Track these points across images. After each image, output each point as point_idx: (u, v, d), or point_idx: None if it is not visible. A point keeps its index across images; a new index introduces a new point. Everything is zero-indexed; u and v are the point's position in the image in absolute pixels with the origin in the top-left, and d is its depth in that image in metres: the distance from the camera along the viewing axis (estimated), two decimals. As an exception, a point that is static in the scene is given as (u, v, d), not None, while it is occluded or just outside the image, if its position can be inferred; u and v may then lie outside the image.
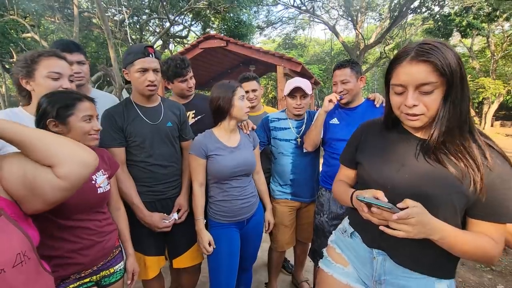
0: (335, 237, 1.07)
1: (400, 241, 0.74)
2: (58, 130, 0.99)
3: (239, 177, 1.44)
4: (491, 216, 0.72)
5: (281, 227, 1.82)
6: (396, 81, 0.75)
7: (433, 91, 0.71)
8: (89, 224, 1.06)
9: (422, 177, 0.75)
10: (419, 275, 0.80)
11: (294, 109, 1.72)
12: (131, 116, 1.40)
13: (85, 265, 1.04)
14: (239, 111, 1.41)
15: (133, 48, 1.38)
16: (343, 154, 1.07)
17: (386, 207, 0.65)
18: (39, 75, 1.13)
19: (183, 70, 1.69)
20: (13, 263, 0.64)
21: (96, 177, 1.09)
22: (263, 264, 2.38)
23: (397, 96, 0.77)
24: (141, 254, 1.44)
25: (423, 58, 0.69)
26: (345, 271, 0.95)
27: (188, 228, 1.50)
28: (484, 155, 0.72)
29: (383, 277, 0.85)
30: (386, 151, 0.86)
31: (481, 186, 0.70)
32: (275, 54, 5.59)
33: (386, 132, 0.90)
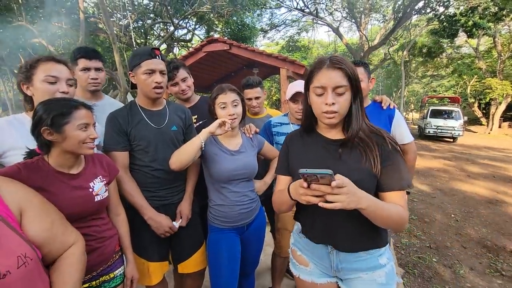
0: (294, 240, 1.17)
1: (338, 232, 0.97)
2: (52, 138, 0.97)
3: (238, 181, 1.42)
4: (391, 186, 0.91)
5: (285, 232, 1.79)
6: (318, 83, 0.92)
7: (345, 93, 0.91)
8: (88, 230, 1.05)
9: (341, 168, 0.89)
10: (365, 255, 0.98)
11: (296, 113, 1.70)
12: (135, 119, 1.39)
13: (85, 270, 1.03)
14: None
15: (139, 51, 1.38)
16: (278, 166, 1.16)
17: (327, 173, 0.72)
18: (37, 79, 1.14)
19: (169, 74, 1.66)
20: (17, 265, 0.65)
21: (93, 184, 1.07)
22: (267, 268, 2.36)
23: (317, 98, 0.94)
24: (144, 260, 1.42)
25: (338, 66, 0.90)
26: (307, 271, 1.09)
27: (193, 233, 1.49)
28: (376, 141, 0.94)
29: (340, 266, 1.02)
30: (308, 153, 1.05)
31: (377, 164, 0.90)
32: (278, 57, 5.57)
33: (306, 137, 1.08)
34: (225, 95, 1.39)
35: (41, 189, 0.92)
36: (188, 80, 1.79)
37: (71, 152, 1.01)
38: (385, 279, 0.98)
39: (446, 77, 22.40)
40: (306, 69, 5.47)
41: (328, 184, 0.75)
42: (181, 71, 1.73)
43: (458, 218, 3.76)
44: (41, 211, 0.80)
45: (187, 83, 1.77)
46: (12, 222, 0.71)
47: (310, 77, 0.96)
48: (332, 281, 1.07)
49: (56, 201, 0.90)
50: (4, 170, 0.91)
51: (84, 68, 1.61)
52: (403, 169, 0.93)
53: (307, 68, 5.57)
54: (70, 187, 1.01)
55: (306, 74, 1.00)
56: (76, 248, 0.87)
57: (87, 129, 1.02)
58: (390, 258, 1.02)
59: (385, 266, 0.99)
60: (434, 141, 12.63)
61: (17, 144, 1.12)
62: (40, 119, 0.95)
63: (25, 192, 0.80)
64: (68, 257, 0.84)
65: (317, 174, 0.74)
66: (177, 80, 1.73)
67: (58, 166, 1.02)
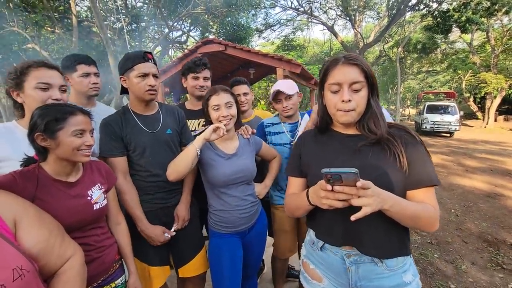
0: (306, 252, 1.09)
1: (362, 233, 0.88)
2: (46, 145, 0.94)
3: (237, 185, 1.40)
4: (418, 182, 0.85)
5: (281, 233, 1.78)
6: (333, 80, 0.89)
7: (361, 90, 0.88)
8: (87, 240, 1.03)
9: (360, 163, 0.86)
10: (388, 272, 0.90)
11: (282, 112, 1.72)
12: (129, 125, 1.37)
13: None
14: (214, 121, 1.38)
15: (131, 54, 1.36)
16: (289, 167, 1.11)
17: (352, 172, 0.69)
18: (28, 86, 1.10)
19: (197, 67, 1.76)
20: (13, 277, 0.63)
21: (92, 193, 1.05)
22: (269, 271, 2.35)
23: (332, 95, 0.91)
24: (145, 264, 1.40)
25: (353, 62, 0.87)
26: (321, 287, 1.00)
27: (193, 237, 1.47)
28: (397, 135, 0.89)
29: (359, 283, 0.93)
30: (323, 152, 0.99)
31: (404, 161, 0.84)
32: (274, 57, 5.57)
33: (320, 137, 1.04)
34: (218, 96, 1.37)
35: (38, 198, 0.90)
36: (208, 82, 1.84)
37: (66, 159, 0.98)
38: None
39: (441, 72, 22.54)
40: (303, 67, 5.48)
41: (352, 185, 0.70)
42: (207, 70, 1.83)
43: (458, 213, 3.77)
44: (36, 222, 0.78)
45: (207, 83, 1.82)
46: (7, 233, 0.68)
47: (325, 74, 0.93)
48: None
49: (54, 211, 0.87)
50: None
51: (84, 73, 1.60)
52: (430, 164, 0.86)
53: (303, 67, 5.57)
54: (68, 195, 0.99)
55: (320, 72, 0.96)
56: (75, 261, 0.84)
57: (83, 135, 0.98)
58: (416, 274, 0.94)
59: (410, 284, 0.90)
60: (431, 136, 12.70)
61: (8, 155, 1.09)
62: (34, 124, 0.93)
63: (19, 203, 0.78)
64: (67, 271, 0.81)
65: (341, 174, 0.69)
66: (200, 76, 1.79)
67: (55, 174, 0.99)
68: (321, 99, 0.99)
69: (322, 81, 0.95)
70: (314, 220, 1.04)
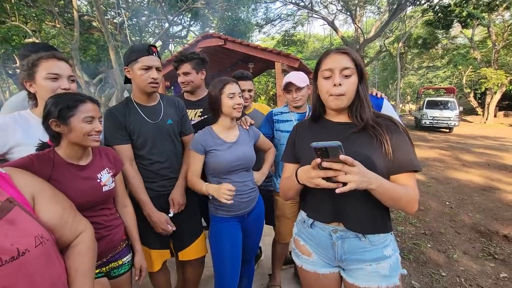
0: (297, 230, 1.18)
1: (348, 210, 0.97)
2: (60, 130, 1.02)
3: (238, 171, 1.48)
4: (401, 168, 0.93)
5: (283, 219, 1.87)
6: (325, 66, 0.98)
7: (351, 76, 0.95)
8: (97, 219, 1.11)
9: (349, 147, 0.92)
10: (369, 246, 0.98)
11: (292, 102, 1.80)
12: (132, 115, 1.44)
13: None
14: (227, 108, 1.44)
15: (136, 47, 1.41)
16: (285, 154, 1.21)
17: (335, 145, 0.77)
18: (39, 77, 1.17)
19: (174, 63, 1.78)
20: (35, 244, 0.71)
21: (100, 176, 1.13)
22: (266, 258, 2.44)
23: (325, 81, 0.98)
24: (146, 247, 1.49)
25: (343, 51, 0.97)
26: (310, 261, 1.09)
27: (192, 222, 1.54)
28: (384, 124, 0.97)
29: (344, 256, 1.02)
30: (316, 137, 1.03)
31: (388, 148, 0.92)
32: (272, 51, 5.62)
33: (313, 126, 1.12)
34: (232, 85, 1.45)
35: (52, 179, 0.98)
36: (191, 75, 1.82)
37: (77, 144, 1.06)
38: (388, 271, 0.97)
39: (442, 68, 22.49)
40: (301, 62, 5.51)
41: (339, 162, 0.78)
42: (185, 65, 1.79)
43: (452, 205, 3.85)
44: (52, 199, 0.85)
45: (187, 77, 1.81)
46: (27, 207, 0.76)
47: (319, 63, 1.02)
48: (334, 271, 1.07)
49: (66, 191, 0.95)
50: (17, 162, 0.97)
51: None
52: (412, 151, 0.95)
53: (301, 61, 5.61)
54: (80, 177, 1.07)
55: (316, 64, 1.05)
56: (86, 236, 0.92)
57: (92, 122, 1.06)
58: (395, 249, 1.02)
59: (389, 258, 0.99)
60: (430, 131, 12.75)
61: (22, 141, 1.16)
62: (48, 112, 1.00)
63: (37, 181, 0.86)
64: (79, 244, 0.89)
65: (327, 147, 0.76)
66: (179, 72, 1.80)
67: (68, 158, 1.07)
68: (315, 89, 1.07)
69: (316, 70, 1.04)
70: (305, 201, 1.13)
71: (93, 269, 0.90)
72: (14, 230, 0.69)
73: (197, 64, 1.81)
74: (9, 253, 0.65)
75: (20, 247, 0.68)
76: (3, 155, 1.17)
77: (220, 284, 1.46)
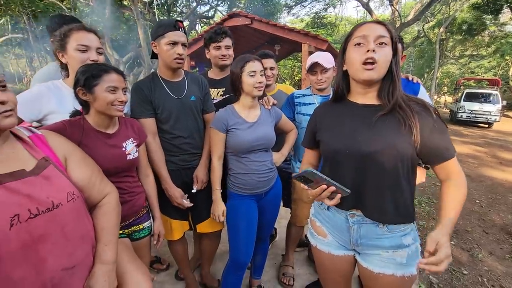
0: (314, 211, 1.17)
1: (369, 200, 0.93)
2: (86, 99, 1.08)
3: (257, 151, 1.48)
4: (443, 156, 0.89)
5: (300, 202, 1.86)
6: (359, 34, 0.89)
7: (386, 47, 0.87)
8: (121, 184, 1.17)
9: (374, 135, 0.90)
10: (388, 233, 0.95)
11: (315, 84, 1.72)
12: (157, 89, 1.47)
13: None
14: (247, 87, 1.42)
15: (164, 22, 1.42)
16: (304, 139, 1.19)
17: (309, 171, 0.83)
18: (70, 48, 1.23)
19: (218, 36, 1.73)
20: (67, 199, 0.77)
21: (126, 145, 1.19)
22: (280, 239, 2.48)
23: (356, 49, 0.90)
24: (167, 217, 1.57)
25: (379, 22, 0.90)
26: (325, 242, 1.09)
27: (210, 198, 1.58)
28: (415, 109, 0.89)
29: (360, 241, 1.00)
30: (337, 123, 1.01)
31: (417, 135, 0.86)
32: (300, 32, 5.40)
33: (335, 107, 1.06)
34: (254, 63, 1.41)
35: (82, 144, 1.04)
36: (230, 50, 1.80)
37: (102, 112, 1.11)
38: (405, 259, 0.94)
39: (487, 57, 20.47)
40: (329, 44, 5.27)
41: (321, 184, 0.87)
42: (227, 39, 1.77)
43: (483, 204, 3.62)
44: (82, 161, 0.92)
45: (229, 51, 1.79)
46: (60, 166, 0.82)
47: (350, 35, 0.93)
48: (349, 253, 1.06)
49: (94, 156, 1.01)
50: (51, 126, 1.04)
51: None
52: (449, 138, 0.90)
53: (330, 44, 5.36)
54: (106, 145, 1.13)
55: (345, 37, 0.97)
56: (112, 198, 0.99)
57: (116, 92, 1.09)
58: (416, 239, 0.98)
59: (408, 247, 0.95)
60: (466, 126, 11.85)
61: (56, 109, 1.24)
62: (77, 81, 1.06)
63: (69, 144, 0.92)
64: (105, 204, 0.96)
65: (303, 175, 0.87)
66: (221, 45, 1.75)
67: (96, 125, 1.13)
68: (341, 64, 0.99)
69: (346, 42, 0.95)
70: None
71: (117, 228, 0.97)
72: (49, 185, 0.75)
73: (233, 41, 1.83)
74: (45, 205, 0.72)
75: (54, 200, 0.74)
76: (39, 121, 1.26)
77: (234, 258, 1.51)
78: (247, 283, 1.89)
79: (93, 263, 0.86)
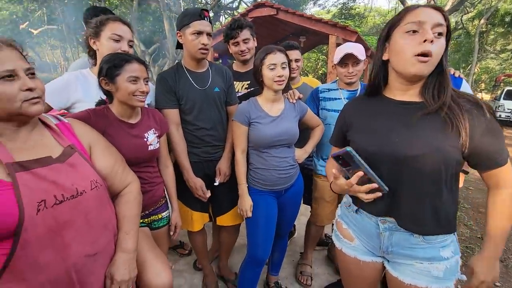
0: (341, 212, 1.10)
1: (406, 208, 0.84)
2: (109, 88, 1.08)
3: (278, 147, 1.43)
4: (497, 162, 0.79)
5: (322, 201, 1.79)
6: (413, 19, 0.76)
7: (441, 37, 0.76)
8: (141, 174, 1.18)
9: (415, 137, 0.80)
10: (424, 244, 0.86)
11: (345, 77, 1.61)
12: (181, 80, 1.46)
13: None
14: (267, 80, 1.36)
15: (189, 11, 1.40)
16: (333, 136, 1.12)
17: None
18: (104, 36, 1.26)
19: (233, 32, 1.66)
20: (90, 187, 0.78)
21: (147, 135, 1.20)
22: (299, 236, 2.43)
23: (408, 37, 0.77)
24: (188, 208, 1.58)
25: (436, 8, 0.77)
26: (351, 246, 1.01)
27: (232, 191, 1.58)
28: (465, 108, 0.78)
29: (391, 249, 0.92)
30: (370, 121, 0.92)
31: (466, 139, 0.75)
32: (328, 22, 5.18)
33: (368, 103, 0.96)
34: (275, 55, 1.35)
35: (106, 133, 1.05)
36: (250, 42, 1.72)
37: (124, 102, 1.11)
38: (443, 273, 0.85)
39: (533, 52, 18.68)
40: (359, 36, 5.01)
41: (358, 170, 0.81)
42: (244, 31, 1.67)
43: (521, 212, 3.33)
44: (106, 150, 0.92)
45: (248, 44, 1.71)
46: (85, 154, 0.83)
47: (399, 19, 0.80)
48: (377, 260, 0.97)
49: (117, 145, 1.01)
50: (77, 114, 1.06)
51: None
52: (503, 141, 0.80)
53: (359, 35, 5.10)
54: (129, 135, 1.14)
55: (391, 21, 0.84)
56: (133, 187, 0.99)
57: (137, 82, 1.08)
58: (456, 252, 0.88)
59: (447, 260, 0.86)
60: (507, 127, 10.94)
61: (82, 97, 1.27)
62: (100, 70, 1.07)
63: (94, 133, 0.93)
64: (127, 193, 0.97)
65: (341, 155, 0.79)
66: (239, 40, 1.69)
67: (119, 115, 1.14)
68: (380, 53, 0.89)
69: (392, 27, 0.83)
70: None
71: (138, 217, 0.98)
72: (74, 173, 0.77)
73: (253, 31, 1.74)
74: (70, 192, 0.73)
75: (78, 187, 0.75)
76: (67, 109, 1.29)
77: (252, 253, 1.49)
78: (264, 278, 1.87)
79: (114, 251, 0.88)
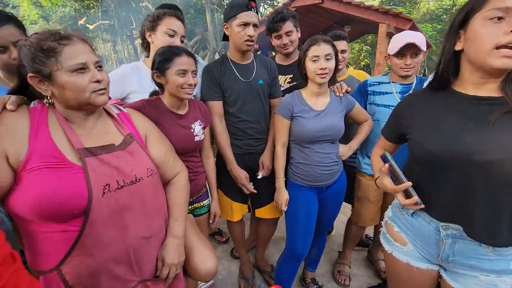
0: (392, 214, 1.02)
1: (478, 216, 0.75)
2: (160, 81, 1.13)
3: (322, 142, 1.37)
4: None
5: (365, 201, 1.69)
6: (500, 3, 0.66)
7: None
8: (187, 164, 1.21)
9: (488, 140, 0.71)
10: (492, 255, 0.77)
11: (401, 69, 1.45)
12: (226, 72, 1.47)
13: None
14: (310, 73, 1.31)
15: (236, 2, 1.39)
16: (385, 127, 1.05)
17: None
18: (160, 29, 1.32)
19: (275, 25, 1.60)
20: (147, 174, 0.83)
21: (194, 126, 1.24)
22: (337, 234, 2.36)
23: (491, 25, 0.68)
24: (229, 198, 1.62)
25: None
26: (403, 251, 0.94)
27: (272, 184, 1.58)
28: None
29: (452, 258, 0.83)
30: (437, 117, 0.82)
31: None
32: (379, 9, 4.72)
33: (433, 97, 0.86)
34: (319, 46, 1.28)
35: (157, 123, 1.10)
36: (293, 34, 1.65)
37: (173, 95, 1.15)
38: (511, 287, 0.77)
39: None
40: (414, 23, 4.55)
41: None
42: (287, 23, 1.61)
43: None
44: (159, 140, 0.97)
45: (290, 37, 1.64)
46: (142, 143, 0.88)
47: (480, 3, 0.71)
48: (433, 268, 0.89)
49: (167, 135, 1.06)
50: (132, 104, 1.13)
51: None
52: None
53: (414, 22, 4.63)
54: (178, 125, 1.19)
55: (470, 1, 0.74)
56: (182, 176, 1.03)
57: (185, 75, 1.11)
58: None
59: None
60: None
61: (136, 88, 1.35)
62: (153, 63, 1.12)
63: (149, 123, 0.98)
64: (177, 182, 1.01)
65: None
66: (281, 33, 1.63)
67: (170, 106, 1.19)
68: (449, 42, 0.79)
69: (469, 12, 0.73)
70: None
71: (186, 205, 1.03)
72: (133, 160, 0.82)
73: (296, 21, 1.67)
74: (129, 178, 0.79)
75: (137, 174, 0.80)
76: (122, 100, 1.38)
77: (291, 248, 1.48)
78: (300, 273, 1.86)
79: (165, 236, 0.92)
